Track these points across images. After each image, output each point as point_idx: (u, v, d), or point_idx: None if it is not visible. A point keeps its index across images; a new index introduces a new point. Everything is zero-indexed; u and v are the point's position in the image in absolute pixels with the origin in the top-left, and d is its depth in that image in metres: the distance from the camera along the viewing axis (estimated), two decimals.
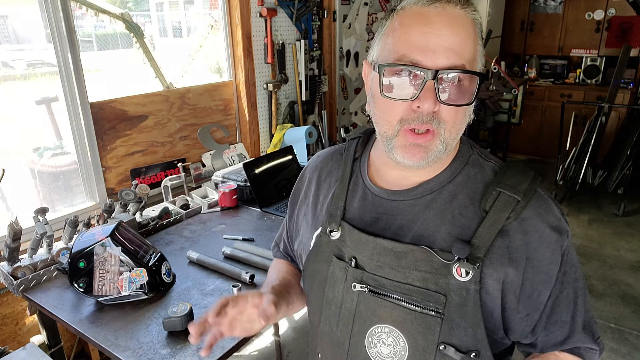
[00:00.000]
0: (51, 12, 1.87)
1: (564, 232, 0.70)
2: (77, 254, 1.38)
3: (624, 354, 2.43)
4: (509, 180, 0.69)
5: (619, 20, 5.11)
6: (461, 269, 0.66)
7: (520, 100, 4.98)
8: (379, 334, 0.72)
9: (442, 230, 0.70)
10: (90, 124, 2.07)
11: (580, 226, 3.95)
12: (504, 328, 0.71)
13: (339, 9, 3.35)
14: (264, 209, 2.12)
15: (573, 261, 0.72)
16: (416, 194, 0.73)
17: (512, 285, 0.68)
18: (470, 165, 0.74)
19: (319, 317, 0.80)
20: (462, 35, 0.64)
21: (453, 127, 0.67)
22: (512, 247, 0.67)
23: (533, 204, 0.69)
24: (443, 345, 0.68)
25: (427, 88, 0.63)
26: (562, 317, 0.71)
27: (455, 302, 0.67)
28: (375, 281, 0.72)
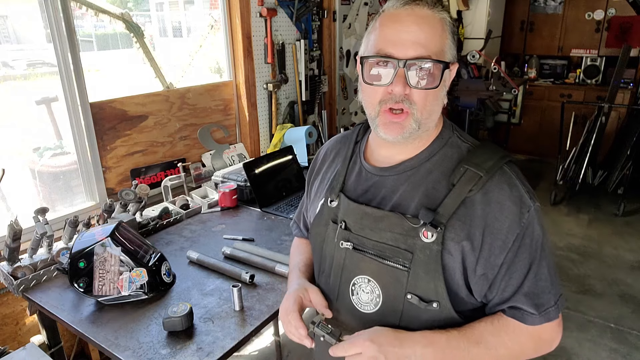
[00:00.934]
0: (51, 12, 1.87)
1: (525, 206, 0.79)
2: (77, 254, 1.38)
3: (623, 354, 2.43)
4: (476, 158, 0.81)
5: (619, 20, 5.11)
6: (427, 232, 0.79)
7: (520, 100, 4.98)
8: (359, 283, 0.88)
9: (415, 200, 0.83)
10: (90, 124, 2.07)
11: (580, 226, 3.95)
12: (467, 287, 0.82)
13: (339, 9, 3.35)
14: (264, 209, 2.12)
15: (534, 234, 0.80)
16: (398, 170, 0.87)
17: (472, 248, 0.78)
18: (448, 146, 0.87)
19: (318, 271, 0.98)
20: (428, 31, 0.77)
21: (424, 108, 0.80)
22: (475, 216, 0.79)
23: (496, 179, 0.80)
24: (410, 295, 0.82)
25: (398, 75, 0.77)
26: (513, 281, 0.80)
27: (420, 259, 0.80)
28: (358, 240, 0.87)
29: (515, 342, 0.82)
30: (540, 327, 0.82)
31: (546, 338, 0.85)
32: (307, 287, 0.94)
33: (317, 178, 1.04)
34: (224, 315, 1.35)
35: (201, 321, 1.32)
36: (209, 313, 1.36)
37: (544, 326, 0.82)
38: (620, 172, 4.03)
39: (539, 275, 0.81)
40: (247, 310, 1.37)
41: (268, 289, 1.48)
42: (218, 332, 1.28)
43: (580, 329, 2.63)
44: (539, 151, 5.69)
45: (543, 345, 0.86)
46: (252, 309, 1.38)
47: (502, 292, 0.81)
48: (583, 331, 2.62)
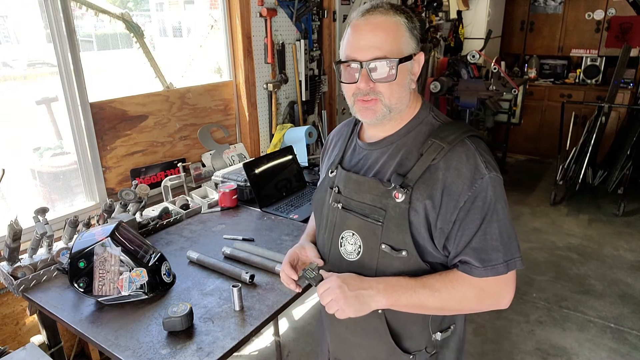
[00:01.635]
0: (51, 12, 1.87)
1: (480, 174, 0.92)
2: (77, 254, 1.38)
3: (623, 354, 2.44)
4: (442, 133, 0.97)
5: (619, 20, 5.12)
6: (398, 193, 0.95)
7: (520, 100, 4.98)
8: (346, 237, 1.05)
9: (391, 168, 1.00)
10: (90, 124, 2.07)
11: (580, 226, 3.95)
12: (432, 241, 0.97)
13: (339, 9, 3.35)
14: (264, 209, 2.12)
15: (487, 199, 0.93)
16: (381, 145, 1.05)
17: (433, 206, 0.94)
18: (423, 124, 1.02)
19: (318, 229, 1.16)
20: (381, 35, 0.93)
21: (391, 95, 0.96)
22: (436, 179, 0.94)
23: (457, 150, 0.94)
24: (384, 245, 0.98)
25: (362, 74, 0.94)
26: (464, 237, 0.94)
27: (391, 215, 0.97)
28: (346, 201, 1.05)
29: (458, 289, 0.96)
30: (483, 279, 0.94)
31: (489, 291, 0.96)
32: (305, 245, 1.17)
33: (326, 157, 1.25)
34: (224, 315, 1.35)
35: (201, 321, 1.32)
36: (209, 313, 1.36)
37: (487, 279, 0.94)
38: (620, 172, 4.03)
39: (489, 234, 0.93)
40: (247, 310, 1.37)
41: (268, 289, 1.48)
42: (218, 332, 1.28)
43: (580, 329, 2.63)
44: (539, 151, 5.70)
45: (486, 298, 0.97)
46: (252, 309, 1.38)
47: (456, 247, 0.95)
48: (583, 331, 2.62)
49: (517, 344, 2.53)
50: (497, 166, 0.97)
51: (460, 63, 4.41)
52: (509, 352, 2.47)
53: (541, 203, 4.44)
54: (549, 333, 2.61)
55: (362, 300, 0.95)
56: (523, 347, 2.51)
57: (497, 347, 2.51)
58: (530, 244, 3.65)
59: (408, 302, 0.96)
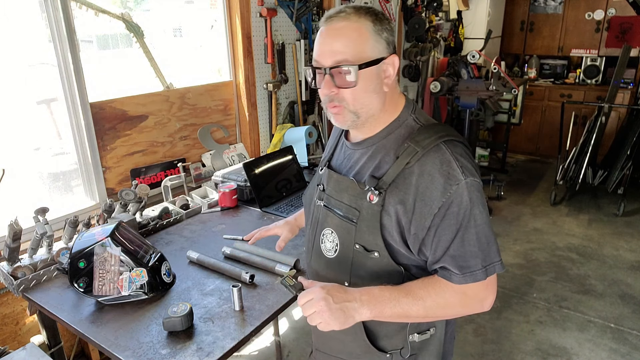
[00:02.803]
0: (51, 12, 1.87)
1: (453, 179, 0.90)
2: (77, 254, 1.38)
3: (623, 354, 2.43)
4: (418, 137, 0.95)
5: (619, 20, 5.12)
6: (372, 195, 0.96)
7: (520, 100, 4.99)
8: (326, 234, 1.07)
9: (369, 170, 1.00)
10: (90, 124, 2.07)
11: (580, 226, 3.95)
12: (405, 243, 0.97)
13: None
14: (264, 209, 2.12)
15: (461, 204, 0.91)
16: (362, 146, 1.05)
17: (405, 211, 0.93)
18: (403, 127, 1.01)
19: (307, 224, 1.19)
20: (342, 40, 0.91)
21: (355, 101, 0.95)
22: (410, 184, 0.93)
23: (432, 155, 0.92)
24: (357, 245, 1.00)
25: (325, 80, 0.95)
26: (441, 244, 0.93)
27: (364, 216, 0.98)
28: (328, 200, 1.07)
29: (440, 295, 0.96)
30: (465, 285, 0.94)
31: (472, 295, 0.96)
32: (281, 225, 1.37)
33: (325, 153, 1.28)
34: (224, 315, 1.35)
35: (201, 321, 1.32)
36: (209, 313, 1.36)
37: (469, 285, 0.94)
38: (620, 172, 4.03)
39: (466, 240, 0.92)
40: (247, 310, 1.37)
41: (268, 289, 1.48)
42: (218, 332, 1.28)
43: (581, 329, 2.63)
44: (539, 151, 5.70)
45: (470, 302, 0.97)
46: (252, 309, 1.38)
47: (433, 253, 0.95)
48: (583, 331, 2.62)
49: (517, 344, 2.53)
50: (477, 170, 0.95)
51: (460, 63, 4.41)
52: (509, 352, 2.47)
53: (541, 203, 4.44)
54: (549, 333, 2.61)
55: (347, 313, 0.93)
56: (523, 347, 2.51)
57: (497, 347, 2.51)
58: (530, 244, 3.65)
59: (392, 313, 0.95)
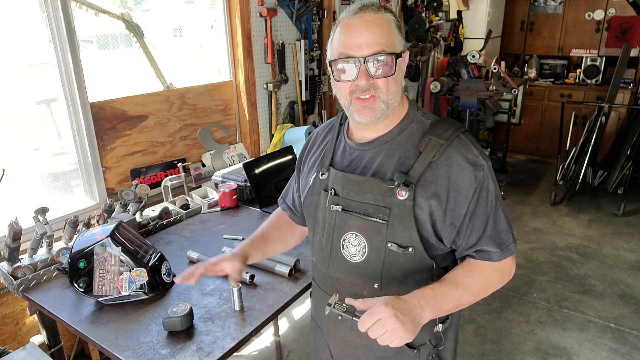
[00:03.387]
0: (51, 12, 1.87)
1: (479, 165, 0.97)
2: (77, 254, 1.38)
3: (623, 354, 2.43)
4: (437, 130, 0.99)
5: (619, 20, 5.12)
6: (401, 191, 0.96)
7: (520, 100, 4.98)
8: (348, 238, 1.04)
9: (391, 167, 1.00)
10: (90, 124, 2.07)
11: (580, 226, 3.95)
12: (437, 235, 0.99)
13: (339, 9, 3.35)
14: (264, 209, 2.12)
15: (489, 188, 0.98)
16: (375, 145, 1.04)
17: (439, 203, 0.96)
18: (415, 122, 1.04)
19: (313, 233, 1.14)
20: (376, 31, 0.94)
21: (388, 91, 0.97)
22: (439, 176, 0.96)
23: (455, 146, 0.97)
24: (390, 243, 0.99)
25: (361, 70, 0.94)
26: (476, 227, 0.98)
27: (396, 213, 0.97)
28: (346, 203, 1.04)
29: (484, 277, 1.00)
30: (501, 262, 1.00)
31: (506, 269, 1.03)
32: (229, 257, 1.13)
33: (309, 157, 1.22)
34: (224, 315, 1.35)
35: (201, 321, 1.32)
36: (209, 313, 1.36)
37: (503, 261, 1.00)
38: (620, 172, 4.03)
39: (498, 219, 0.99)
40: (247, 310, 1.37)
41: (268, 289, 1.48)
42: (218, 332, 1.28)
43: (581, 329, 2.63)
44: (539, 151, 5.70)
45: (504, 276, 1.04)
46: (252, 309, 1.38)
47: (468, 238, 0.99)
48: (583, 331, 2.62)
49: (517, 344, 2.53)
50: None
51: (460, 63, 4.41)
52: (509, 353, 2.47)
53: (542, 203, 4.44)
54: (549, 333, 2.61)
55: (415, 321, 0.89)
56: (523, 347, 2.51)
57: (497, 348, 2.51)
58: (531, 244, 3.65)
59: (449, 307, 0.96)
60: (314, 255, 1.17)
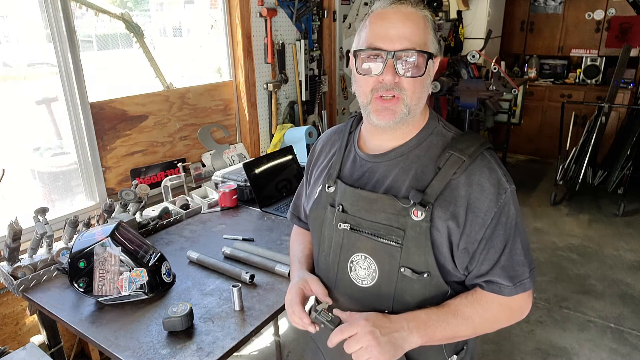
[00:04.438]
0: (51, 12, 1.87)
1: (502, 188, 0.88)
2: (77, 254, 1.38)
3: (623, 354, 2.43)
4: (459, 145, 0.90)
5: (619, 20, 5.12)
6: (417, 211, 0.87)
7: (520, 100, 4.98)
8: (357, 260, 0.95)
9: (406, 183, 0.91)
10: (90, 124, 2.07)
11: (580, 226, 3.95)
12: (454, 261, 0.90)
13: (339, 9, 3.35)
14: (264, 209, 2.12)
15: (509, 213, 0.89)
16: (390, 157, 0.95)
17: (457, 225, 0.87)
18: (435, 134, 0.95)
19: (318, 251, 1.05)
20: (412, 26, 0.86)
21: (413, 94, 0.88)
22: (459, 196, 0.87)
23: (478, 164, 0.88)
24: (403, 268, 0.89)
25: (388, 65, 0.85)
26: (490, 255, 0.89)
27: (411, 235, 0.88)
28: (355, 221, 0.94)
29: (489, 311, 0.91)
30: (510, 297, 0.90)
31: (516, 307, 0.93)
32: (307, 278, 1.02)
33: (315, 167, 1.12)
34: (224, 315, 1.35)
35: (201, 321, 1.32)
36: (209, 313, 1.36)
37: (514, 297, 0.90)
38: (620, 172, 4.03)
39: (514, 250, 0.90)
40: (247, 310, 1.37)
41: (268, 289, 1.48)
42: (218, 332, 1.28)
43: (581, 329, 2.63)
44: (539, 151, 5.69)
45: (514, 314, 0.95)
46: (252, 309, 1.38)
47: (480, 265, 0.90)
48: (583, 331, 2.62)
49: (517, 344, 2.53)
50: None
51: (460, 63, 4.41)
52: (509, 353, 2.47)
53: (542, 203, 4.44)
54: (549, 333, 2.61)
55: (397, 344, 0.84)
56: (523, 347, 2.51)
57: (497, 348, 2.51)
58: (531, 244, 3.62)
59: (442, 336, 0.89)
60: (318, 274, 1.07)
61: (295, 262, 1.14)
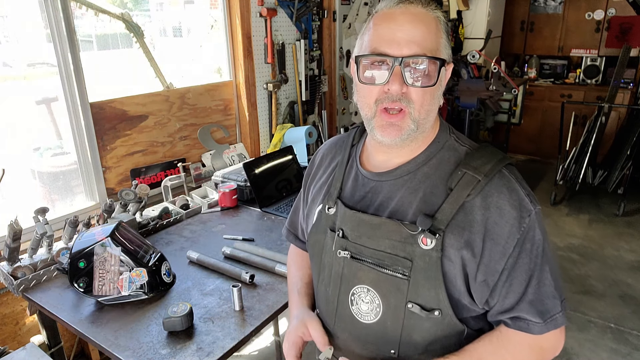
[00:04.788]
0: (51, 12, 1.86)
1: (526, 210, 0.77)
2: (77, 254, 1.38)
3: (624, 354, 2.43)
4: (474, 162, 0.79)
5: (619, 20, 5.11)
6: (426, 238, 0.76)
7: (520, 100, 4.98)
8: (359, 293, 0.85)
9: (413, 206, 0.81)
10: (90, 124, 2.07)
11: (580, 226, 3.95)
12: (470, 295, 0.80)
13: (339, 9, 3.35)
14: (264, 209, 2.12)
15: (535, 239, 0.77)
16: (395, 175, 0.85)
17: (473, 255, 0.76)
18: (446, 149, 0.84)
19: (318, 279, 0.95)
20: (422, 29, 0.76)
21: (422, 107, 0.78)
22: (474, 221, 0.76)
23: (495, 183, 0.78)
24: (411, 304, 0.79)
25: (395, 73, 0.75)
26: (514, 287, 0.78)
27: (420, 267, 0.78)
28: (356, 248, 0.85)
29: (517, 355, 0.80)
30: (541, 336, 0.79)
31: (548, 347, 0.83)
32: (307, 322, 0.93)
33: (314, 183, 1.02)
34: (224, 315, 1.35)
35: (201, 321, 1.32)
36: (209, 313, 1.36)
37: (546, 335, 0.79)
38: (620, 172, 4.03)
39: (542, 280, 0.79)
40: (247, 310, 1.37)
41: (268, 289, 1.48)
42: (218, 332, 1.28)
43: (581, 329, 2.63)
44: (539, 151, 5.69)
45: (545, 354, 0.84)
46: (252, 309, 1.38)
47: (503, 299, 0.79)
48: (583, 331, 2.62)
49: None
50: None
51: (461, 63, 4.41)
52: None
53: (542, 203, 4.41)
54: None
55: None
56: None
57: None
58: None
59: None
60: (318, 305, 0.98)
61: (294, 292, 1.05)
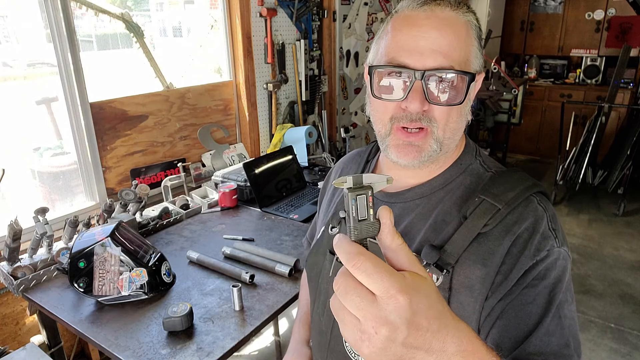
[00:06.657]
0: (51, 12, 1.86)
1: (548, 243, 0.65)
2: (77, 254, 1.38)
3: (624, 354, 2.43)
4: (495, 188, 0.68)
5: (619, 20, 5.11)
6: (432, 274, 0.64)
7: (520, 100, 4.98)
8: None
9: (421, 234, 0.70)
10: (90, 124, 2.07)
11: (580, 226, 3.95)
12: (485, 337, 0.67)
13: (339, 9, 3.35)
14: (264, 209, 2.12)
15: (550, 281, 0.64)
16: (406, 198, 0.75)
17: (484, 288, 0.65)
18: (467, 173, 0.74)
19: (313, 307, 0.84)
20: (450, 37, 0.64)
21: (446, 126, 0.67)
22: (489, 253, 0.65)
23: (519, 212, 0.66)
24: None
25: (414, 89, 0.64)
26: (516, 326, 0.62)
27: None
28: None
29: None
30: None
31: None
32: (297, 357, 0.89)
33: (325, 198, 0.94)
34: (224, 315, 1.35)
35: (201, 321, 1.32)
36: (209, 313, 1.36)
37: None
38: (620, 172, 4.03)
39: (550, 332, 0.63)
40: (247, 310, 1.37)
41: (268, 289, 1.48)
42: (218, 332, 1.28)
43: (581, 329, 2.63)
44: (539, 151, 5.69)
45: None
46: (252, 309, 1.38)
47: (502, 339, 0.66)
48: (583, 331, 2.62)
49: None
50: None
51: None
52: None
53: None
54: None
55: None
56: None
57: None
58: None
59: None
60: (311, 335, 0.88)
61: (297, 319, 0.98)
